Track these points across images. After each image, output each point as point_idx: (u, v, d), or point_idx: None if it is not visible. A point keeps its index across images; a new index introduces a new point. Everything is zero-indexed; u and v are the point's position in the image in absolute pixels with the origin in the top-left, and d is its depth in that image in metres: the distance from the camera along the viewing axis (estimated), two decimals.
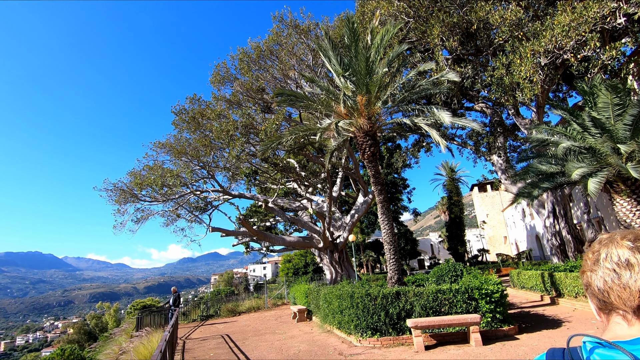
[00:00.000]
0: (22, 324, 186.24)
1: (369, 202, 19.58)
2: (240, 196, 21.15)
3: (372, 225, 33.68)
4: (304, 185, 22.47)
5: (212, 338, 11.42)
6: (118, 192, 17.86)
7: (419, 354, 6.93)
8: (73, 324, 68.21)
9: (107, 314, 50.90)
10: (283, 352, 8.20)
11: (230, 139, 15.75)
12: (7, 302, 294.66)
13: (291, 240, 21.05)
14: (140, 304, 37.28)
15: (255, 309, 18.89)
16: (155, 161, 18.72)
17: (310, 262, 43.08)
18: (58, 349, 18.18)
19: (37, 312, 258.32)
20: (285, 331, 11.23)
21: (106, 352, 10.74)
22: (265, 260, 64.78)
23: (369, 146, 10.47)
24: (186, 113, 17.20)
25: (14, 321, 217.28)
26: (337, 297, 9.39)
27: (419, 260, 49.28)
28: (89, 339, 44.50)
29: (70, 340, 44.66)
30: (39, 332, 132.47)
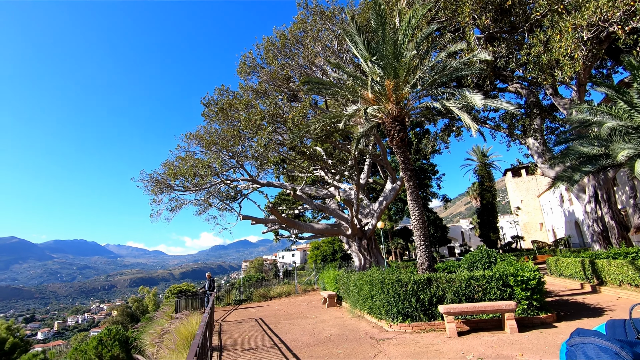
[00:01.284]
0: (71, 306, 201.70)
1: (397, 189, 19.37)
2: (268, 185, 21.53)
3: (400, 212, 33.34)
4: (331, 173, 22.51)
5: (246, 321, 11.88)
6: (153, 182, 18.66)
7: (452, 340, 6.90)
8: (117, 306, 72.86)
9: (147, 298, 54.04)
10: (315, 335, 8.42)
11: (257, 128, 15.98)
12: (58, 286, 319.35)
13: (319, 228, 21.26)
14: (176, 288, 39.22)
15: (286, 294, 19.38)
16: (187, 152, 19.35)
17: (338, 249, 43.44)
18: (105, 329, 19.56)
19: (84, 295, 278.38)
20: (316, 315, 11.49)
21: (150, 332, 11.46)
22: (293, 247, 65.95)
23: (398, 132, 10.30)
24: (215, 104, 17.55)
25: (64, 303, 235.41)
26: (368, 283, 9.46)
27: (449, 248, 48.43)
28: (131, 321, 47.50)
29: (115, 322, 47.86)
30: (86, 313, 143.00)
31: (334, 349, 7.04)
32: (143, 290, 51.98)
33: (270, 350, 7.34)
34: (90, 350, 16.85)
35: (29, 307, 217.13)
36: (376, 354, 6.39)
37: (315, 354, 6.79)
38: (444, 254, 44.85)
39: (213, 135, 18.29)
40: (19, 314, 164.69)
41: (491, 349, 6.09)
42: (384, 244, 25.10)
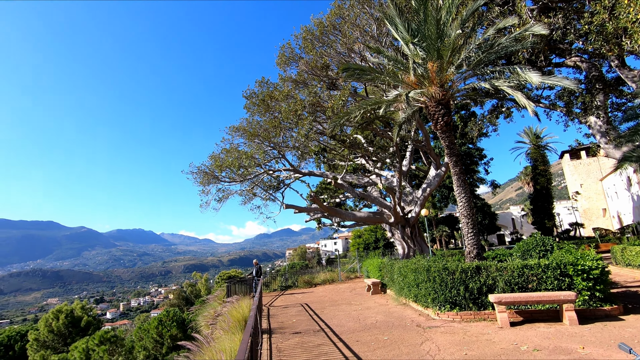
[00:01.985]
0: (134, 289, 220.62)
1: (442, 175, 18.72)
2: (310, 174, 21.78)
3: (445, 200, 32.23)
4: (372, 161, 22.24)
5: (292, 306, 12.28)
6: (202, 174, 19.63)
7: (504, 330, 6.64)
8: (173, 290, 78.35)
9: (199, 283, 57.52)
10: (361, 322, 8.51)
11: (298, 118, 16.15)
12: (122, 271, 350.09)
13: (361, 216, 21.21)
14: (225, 274, 41.30)
15: (330, 281, 19.68)
16: (231, 144, 20.08)
17: (381, 237, 43.11)
18: (164, 311, 21.18)
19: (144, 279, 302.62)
20: (360, 302, 11.58)
21: (204, 314, 12.25)
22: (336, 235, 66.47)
23: (442, 116, 9.91)
24: (256, 96, 17.93)
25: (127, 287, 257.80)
26: (413, 270, 9.34)
27: (498, 236, 46.19)
28: (186, 304, 50.96)
29: (172, 304, 51.64)
30: (147, 296, 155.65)
31: (380, 335, 7.08)
32: (196, 275, 55.34)
33: (317, 335, 7.54)
34: (152, 330, 18.40)
35: (98, 290, 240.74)
36: (423, 341, 6.34)
37: (361, 339, 6.88)
38: (493, 243, 42.86)
39: (255, 127, 18.78)
40: (91, 295, 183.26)
41: (548, 341, 5.79)
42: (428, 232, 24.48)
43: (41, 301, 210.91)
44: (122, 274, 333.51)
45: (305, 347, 6.63)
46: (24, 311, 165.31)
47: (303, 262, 51.48)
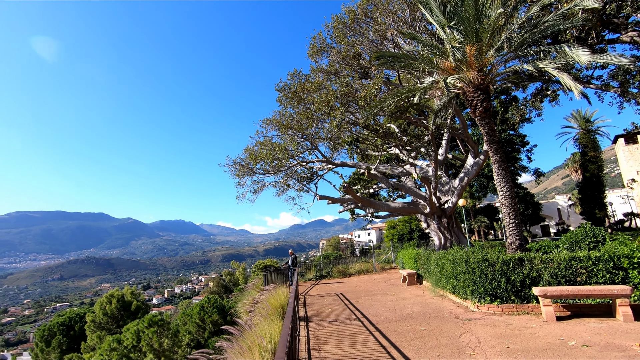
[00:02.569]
0: (177, 276, 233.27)
1: (480, 164, 17.99)
2: (342, 165, 21.75)
3: (483, 189, 30.94)
4: (406, 150, 21.77)
5: (327, 295, 12.46)
6: (237, 167, 20.20)
7: (550, 324, 6.36)
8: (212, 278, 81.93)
9: (237, 272, 59.64)
10: (397, 312, 8.49)
11: (330, 109, 16.12)
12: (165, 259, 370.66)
13: (395, 207, 20.93)
14: (261, 264, 42.52)
15: (364, 271, 19.71)
16: (265, 137, 20.45)
17: (415, 228, 42.37)
18: (205, 297, 22.22)
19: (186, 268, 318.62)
20: (396, 293, 11.53)
21: (244, 301, 12.75)
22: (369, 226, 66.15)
23: (481, 101, 9.49)
24: (288, 89, 18.06)
25: (171, 274, 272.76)
26: (451, 262, 9.14)
27: (542, 227, 43.81)
28: (225, 291, 53.13)
29: (212, 292, 54.03)
30: (189, 283, 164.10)
31: (417, 325, 7.03)
32: (234, 264, 57.26)
33: (353, 323, 7.63)
34: (195, 315, 19.40)
35: (145, 277, 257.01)
36: (462, 333, 6.22)
37: (398, 329, 6.87)
38: (536, 234, 40.76)
39: (288, 119, 18.98)
40: (138, 282, 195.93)
41: (598, 337, 5.48)
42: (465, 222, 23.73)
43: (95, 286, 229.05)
44: (165, 262, 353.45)
45: (342, 335, 6.73)
46: (81, 295, 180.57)
47: (336, 253, 51.82)
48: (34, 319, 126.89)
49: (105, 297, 22.30)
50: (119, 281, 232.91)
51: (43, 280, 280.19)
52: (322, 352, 5.67)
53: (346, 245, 69.46)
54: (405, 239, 40.26)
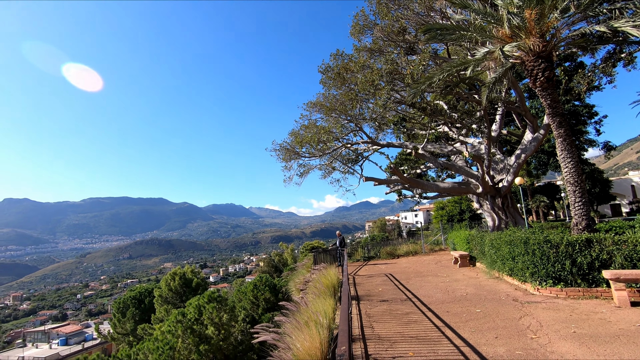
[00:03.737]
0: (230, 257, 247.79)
1: (540, 139, 16.65)
2: (388, 145, 21.31)
3: (543, 166, 28.70)
4: (456, 128, 20.73)
5: (376, 276, 12.53)
6: (283, 151, 20.61)
7: (622, 310, 5.89)
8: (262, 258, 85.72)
9: (286, 252, 61.83)
10: (449, 293, 8.34)
11: (375, 88, 15.73)
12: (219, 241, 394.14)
13: (445, 187, 20.19)
14: (309, 245, 43.54)
15: (413, 253, 19.46)
16: (309, 120, 20.57)
17: (466, 208, 40.68)
18: (257, 276, 23.38)
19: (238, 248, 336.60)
20: (447, 275, 11.29)
21: (295, 280, 13.25)
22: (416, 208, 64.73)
23: (542, 70, 8.70)
24: (331, 70, 17.86)
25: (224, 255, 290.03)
26: (507, 243, 8.72)
27: (612, 206, 39.90)
28: (275, 271, 55.46)
29: (263, 271, 56.67)
30: (241, 263, 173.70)
31: (472, 307, 6.87)
32: (282, 246, 59.34)
33: (405, 303, 7.64)
34: (249, 293, 20.57)
35: (201, 257, 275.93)
36: (522, 316, 5.98)
37: (451, 310, 6.77)
38: (605, 214, 37.25)
39: (332, 101, 18.87)
40: (196, 261, 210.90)
41: None
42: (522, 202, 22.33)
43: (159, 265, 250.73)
44: (219, 243, 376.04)
45: (393, 314, 6.79)
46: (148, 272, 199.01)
47: (383, 235, 51.54)
48: (110, 293, 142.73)
49: (169, 274, 24.34)
50: (179, 260, 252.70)
51: (115, 259, 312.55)
52: (374, 330, 5.77)
53: (393, 226, 68.79)
54: (455, 220, 38.87)
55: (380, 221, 75.15)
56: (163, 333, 13.84)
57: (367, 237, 40.27)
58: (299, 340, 4.25)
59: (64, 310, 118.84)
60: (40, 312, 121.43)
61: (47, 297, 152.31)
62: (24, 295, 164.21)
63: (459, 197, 40.30)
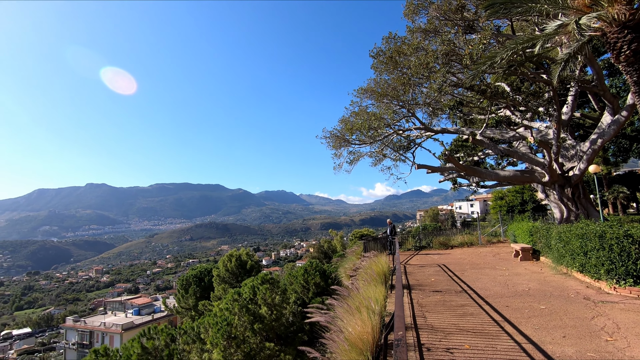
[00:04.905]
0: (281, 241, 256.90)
1: (621, 122, 14.77)
2: (442, 131, 20.35)
3: (623, 153, 25.50)
4: (520, 112, 19.12)
5: (429, 266, 12.19)
6: (333, 138, 20.59)
7: None
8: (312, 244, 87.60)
9: (335, 239, 62.50)
10: (509, 287, 7.86)
11: (429, 72, 15.00)
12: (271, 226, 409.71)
13: (505, 175, 18.86)
14: (358, 232, 43.55)
15: (468, 244, 18.60)
16: (360, 107, 20.27)
17: (529, 199, 37.77)
18: (307, 261, 23.96)
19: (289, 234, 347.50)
20: (507, 268, 10.63)
21: (345, 266, 13.38)
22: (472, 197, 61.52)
23: (629, 43, 7.64)
24: (383, 54, 17.33)
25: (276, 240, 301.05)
26: (578, 236, 7.95)
27: None
28: (324, 257, 56.44)
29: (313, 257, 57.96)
30: (292, 248, 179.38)
31: (535, 303, 6.42)
32: (331, 233, 60.01)
33: (460, 295, 7.35)
34: (299, 277, 21.18)
35: (255, 241, 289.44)
36: (595, 316, 5.46)
37: (511, 305, 6.38)
38: None
39: (383, 87, 18.37)
40: (250, 245, 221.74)
41: None
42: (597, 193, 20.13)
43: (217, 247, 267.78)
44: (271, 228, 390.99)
45: (447, 305, 6.58)
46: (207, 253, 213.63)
47: (435, 224, 49.83)
48: (174, 271, 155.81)
49: (226, 256, 25.85)
50: (234, 243, 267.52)
51: (178, 240, 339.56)
52: (427, 320, 5.65)
53: (446, 216, 66.21)
54: (516, 210, 36.32)
55: (433, 210, 72.67)
56: (221, 310, 14.80)
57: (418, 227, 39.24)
58: (351, 324, 4.29)
59: (136, 284, 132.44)
60: (117, 284, 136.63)
61: (122, 272, 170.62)
62: (104, 269, 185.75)
63: (520, 187, 37.49)
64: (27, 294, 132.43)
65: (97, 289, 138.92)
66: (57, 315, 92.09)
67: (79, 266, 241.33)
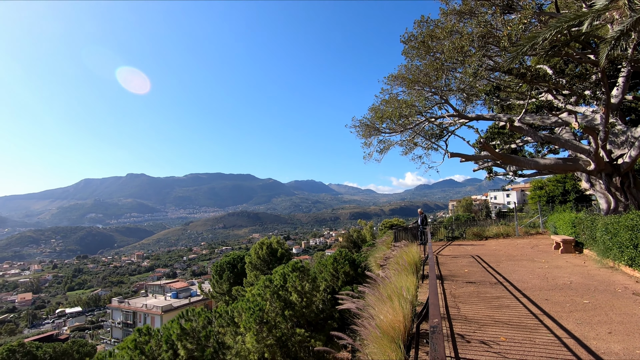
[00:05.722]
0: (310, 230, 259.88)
1: None
2: (477, 118, 19.53)
3: None
4: (563, 96, 17.93)
5: (462, 257, 11.90)
6: (363, 127, 20.35)
7: None
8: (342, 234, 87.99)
9: (364, 229, 62.34)
10: (549, 280, 7.52)
11: (464, 56, 14.36)
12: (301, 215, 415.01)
13: (546, 163, 17.86)
14: (388, 222, 43.15)
15: (504, 235, 17.93)
16: (390, 94, 19.83)
17: (572, 188, 35.64)
18: (337, 250, 24.11)
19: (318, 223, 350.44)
20: (546, 260, 10.16)
21: (375, 255, 13.34)
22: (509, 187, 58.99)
23: None
24: (415, 39, 16.77)
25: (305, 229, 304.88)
26: (628, 228, 7.44)
27: None
28: (354, 247, 56.54)
29: (342, 246, 58.25)
30: (321, 237, 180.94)
31: (578, 297, 6.11)
32: (360, 222, 59.89)
33: (495, 287, 7.13)
34: (329, 265, 21.39)
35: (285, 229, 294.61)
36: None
37: (551, 298, 6.12)
38: None
39: (414, 73, 17.84)
40: (280, 233, 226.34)
41: None
42: None
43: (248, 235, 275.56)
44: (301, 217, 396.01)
45: (481, 297, 6.41)
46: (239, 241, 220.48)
47: (468, 215, 48.35)
48: (209, 257, 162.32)
49: (258, 244, 26.54)
50: (265, 232, 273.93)
51: (212, 227, 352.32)
52: (460, 311, 5.54)
53: (480, 206, 64.03)
54: (557, 201, 34.45)
55: (466, 200, 70.44)
56: (253, 296, 15.29)
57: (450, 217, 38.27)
58: (382, 312, 4.30)
59: (174, 269, 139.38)
60: (157, 269, 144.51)
61: (160, 257, 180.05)
62: (144, 254, 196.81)
63: (562, 176, 35.42)
64: (77, 276, 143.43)
65: (139, 272, 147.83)
66: (104, 296, 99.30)
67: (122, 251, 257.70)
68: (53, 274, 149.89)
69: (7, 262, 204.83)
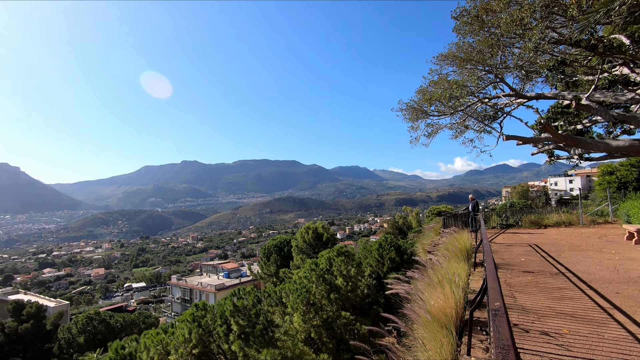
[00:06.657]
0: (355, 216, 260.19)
1: None
2: (537, 97, 17.98)
3: None
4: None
5: (517, 245, 11.23)
6: (410, 110, 19.64)
7: None
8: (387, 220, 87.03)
9: (410, 216, 61.00)
10: (619, 273, 6.86)
11: (524, 29, 13.19)
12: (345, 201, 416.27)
13: (619, 145, 16.06)
14: (435, 209, 41.87)
15: (566, 224, 16.60)
16: (439, 75, 18.86)
17: None
18: (382, 236, 23.90)
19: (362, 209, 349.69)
20: (617, 251, 9.25)
21: (423, 242, 13.06)
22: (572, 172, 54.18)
23: None
24: (467, 14, 15.70)
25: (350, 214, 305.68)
26: None
27: None
28: (399, 233, 55.67)
29: (387, 232, 57.64)
30: (366, 223, 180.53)
31: None
32: (406, 209, 58.64)
33: (556, 277, 6.66)
34: (374, 251, 21.31)
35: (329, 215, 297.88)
36: None
37: (622, 291, 5.58)
38: None
39: (467, 51, 16.76)
40: (325, 219, 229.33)
41: None
42: None
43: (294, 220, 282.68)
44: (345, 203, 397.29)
45: (540, 287, 6.02)
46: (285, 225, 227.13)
47: (524, 202, 45.26)
48: (257, 240, 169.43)
49: (304, 228, 27.11)
50: (310, 217, 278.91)
51: (259, 212, 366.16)
52: (517, 300, 5.26)
53: (538, 193, 59.68)
54: (631, 187, 30.99)
55: (522, 187, 65.93)
56: (300, 278, 15.72)
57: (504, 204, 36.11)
58: (432, 298, 4.21)
59: (225, 251, 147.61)
60: (210, 250, 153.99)
61: (213, 239, 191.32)
62: (198, 236, 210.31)
63: (637, 159, 31.70)
64: (141, 255, 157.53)
65: (194, 253, 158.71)
66: (164, 273, 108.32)
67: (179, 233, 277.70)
68: (121, 252, 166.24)
69: (83, 240, 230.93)
